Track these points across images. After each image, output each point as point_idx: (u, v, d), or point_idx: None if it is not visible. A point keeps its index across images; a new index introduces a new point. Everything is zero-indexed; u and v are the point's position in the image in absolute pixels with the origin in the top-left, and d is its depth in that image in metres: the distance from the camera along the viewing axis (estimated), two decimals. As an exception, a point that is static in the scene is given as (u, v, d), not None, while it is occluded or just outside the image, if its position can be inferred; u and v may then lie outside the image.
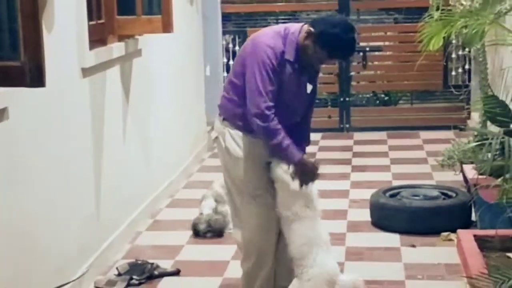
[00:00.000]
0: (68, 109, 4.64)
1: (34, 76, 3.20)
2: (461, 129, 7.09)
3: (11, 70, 3.23)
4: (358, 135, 9.26)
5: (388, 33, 10.38)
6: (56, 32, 4.37)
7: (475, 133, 6.17)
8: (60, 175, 4.49)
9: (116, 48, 5.46)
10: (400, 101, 10.55)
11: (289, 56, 3.87)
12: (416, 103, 10.37)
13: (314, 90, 4.14)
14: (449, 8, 5.68)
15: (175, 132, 7.28)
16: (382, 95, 10.49)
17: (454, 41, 8.57)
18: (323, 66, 4.54)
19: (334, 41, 3.82)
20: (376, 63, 10.21)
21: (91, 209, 5.04)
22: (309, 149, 4.33)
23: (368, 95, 10.50)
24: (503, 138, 3.61)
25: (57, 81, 4.35)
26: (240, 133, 4.01)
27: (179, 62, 7.56)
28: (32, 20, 3.19)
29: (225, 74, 9.13)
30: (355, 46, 3.96)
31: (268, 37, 3.91)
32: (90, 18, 5.01)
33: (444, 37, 4.75)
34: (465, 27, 4.56)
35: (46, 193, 4.28)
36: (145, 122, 6.31)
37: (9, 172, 3.83)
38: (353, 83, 9.84)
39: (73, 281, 3.58)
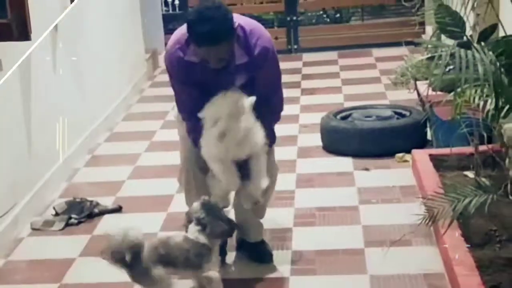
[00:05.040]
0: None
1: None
2: (415, 44, 7.09)
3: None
4: (307, 56, 9.28)
5: None
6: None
7: (430, 47, 6.18)
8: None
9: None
10: (352, 18, 10.55)
11: (194, 58, 3.84)
12: (368, 19, 10.38)
13: (250, 83, 3.96)
14: None
15: (110, 60, 7.19)
16: (332, 12, 10.46)
17: (404, -50, 8.53)
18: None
19: (189, 33, 3.74)
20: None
21: (22, 147, 4.98)
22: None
23: (317, 13, 10.46)
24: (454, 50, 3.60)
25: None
26: None
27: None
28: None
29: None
30: (203, 28, 3.66)
31: (170, 43, 3.94)
32: None
33: None
34: None
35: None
36: (76, 51, 6.21)
37: None
38: (301, 0, 9.78)
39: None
